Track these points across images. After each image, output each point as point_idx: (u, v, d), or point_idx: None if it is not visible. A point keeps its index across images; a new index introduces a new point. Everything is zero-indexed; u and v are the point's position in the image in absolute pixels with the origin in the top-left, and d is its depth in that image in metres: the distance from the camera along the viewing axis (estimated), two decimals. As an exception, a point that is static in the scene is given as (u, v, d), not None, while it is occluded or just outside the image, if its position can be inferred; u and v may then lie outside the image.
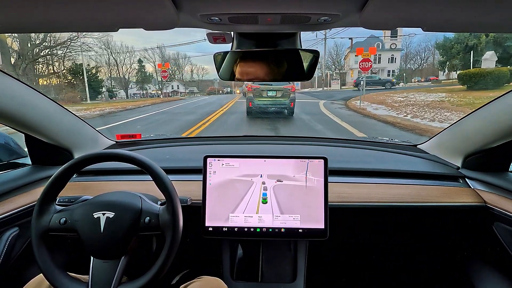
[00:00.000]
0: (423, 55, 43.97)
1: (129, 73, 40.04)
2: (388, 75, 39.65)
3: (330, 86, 34.20)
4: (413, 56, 44.09)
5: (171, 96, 35.35)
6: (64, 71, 25.59)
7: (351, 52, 40.24)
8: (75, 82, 25.19)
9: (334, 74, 40.56)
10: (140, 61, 40.21)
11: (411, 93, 15.36)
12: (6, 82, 0.86)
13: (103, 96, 29.11)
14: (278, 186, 0.96)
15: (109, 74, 38.24)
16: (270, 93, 8.71)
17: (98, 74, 29.96)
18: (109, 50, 37.11)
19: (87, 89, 22.42)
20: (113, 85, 39.14)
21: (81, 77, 23.87)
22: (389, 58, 39.76)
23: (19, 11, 0.49)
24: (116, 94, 37.77)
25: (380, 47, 39.23)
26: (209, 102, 17.99)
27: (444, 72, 31.65)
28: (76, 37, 22.51)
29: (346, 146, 1.41)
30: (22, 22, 0.55)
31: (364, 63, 10.53)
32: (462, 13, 0.50)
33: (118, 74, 39.26)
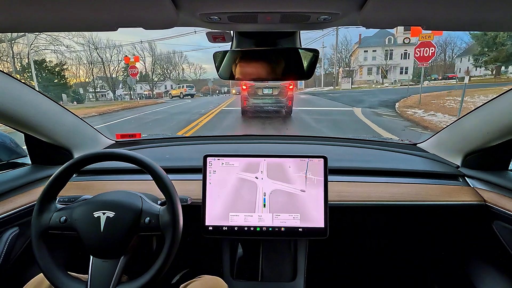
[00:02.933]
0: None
1: (116, 72, 37.17)
2: (401, 73, 36.44)
3: (339, 86, 31.33)
4: (422, 52, 41.89)
5: (163, 97, 32.49)
6: (19, 69, 22.43)
7: (360, 47, 37.19)
8: (32, 84, 20.91)
9: (342, 72, 37.80)
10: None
11: (488, 95, 9.78)
12: (6, 82, 0.86)
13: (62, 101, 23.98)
14: (278, 186, 0.96)
15: (91, 73, 34.86)
16: (266, 91, 8.16)
17: (64, 73, 24.92)
18: (92, 46, 33.32)
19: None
20: (99, 85, 35.63)
21: (45, 77, 21.14)
22: (402, 54, 36.59)
23: (18, 11, 0.49)
24: (103, 95, 34.41)
25: (392, 42, 36.18)
26: (180, 112, 12.09)
27: (487, 68, 26.22)
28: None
29: (346, 145, 1.41)
30: (22, 22, 0.55)
31: (423, 49, 7.04)
32: (463, 12, 0.50)
33: (104, 73, 35.96)
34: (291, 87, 8.22)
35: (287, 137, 1.54)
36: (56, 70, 24.28)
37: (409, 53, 36.70)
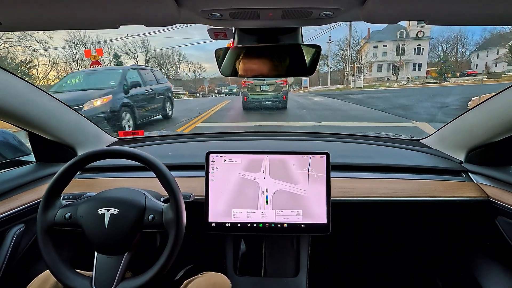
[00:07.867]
0: (444, 47, 38.88)
1: (110, 71, 33.78)
2: (414, 70, 33.99)
3: (351, 84, 28.09)
4: (432, 49, 38.09)
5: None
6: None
7: (369, 42, 34.71)
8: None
9: (356, 69, 34.04)
10: (116, 56, 32.82)
11: None
12: (9, 80, 0.87)
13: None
14: (281, 187, 0.96)
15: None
16: (263, 88, 9.31)
17: (31, 73, 21.15)
18: (79, 42, 29.73)
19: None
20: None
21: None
22: (415, 49, 34.23)
23: (20, 9, 0.49)
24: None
25: (404, 36, 33.89)
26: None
27: (510, 63, 23.24)
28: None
29: (348, 141, 1.40)
30: (23, 20, 0.55)
31: None
32: (467, 5, 0.49)
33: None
34: (283, 83, 9.58)
35: (289, 133, 1.54)
36: (20, 69, 20.34)
37: (422, 48, 34.33)
